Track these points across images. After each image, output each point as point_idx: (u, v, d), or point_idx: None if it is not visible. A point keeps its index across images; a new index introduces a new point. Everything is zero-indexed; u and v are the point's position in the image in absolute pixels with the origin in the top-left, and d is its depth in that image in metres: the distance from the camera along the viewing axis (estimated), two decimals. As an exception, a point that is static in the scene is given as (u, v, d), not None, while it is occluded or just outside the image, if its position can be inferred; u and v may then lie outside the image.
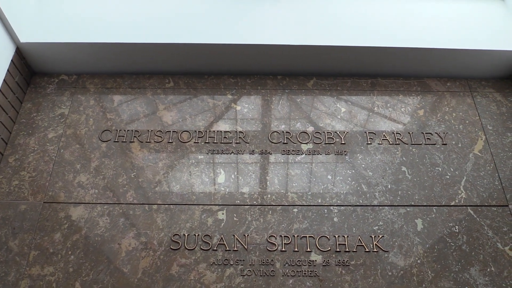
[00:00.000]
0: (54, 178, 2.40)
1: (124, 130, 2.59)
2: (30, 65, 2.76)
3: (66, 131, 2.58)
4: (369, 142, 2.57)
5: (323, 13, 2.83)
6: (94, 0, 2.82)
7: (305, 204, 2.35)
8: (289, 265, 2.16)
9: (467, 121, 2.66)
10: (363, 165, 2.49)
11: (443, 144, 2.57)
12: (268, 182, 2.43)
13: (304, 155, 2.53)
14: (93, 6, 2.79)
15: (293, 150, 2.54)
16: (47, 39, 2.63)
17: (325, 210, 2.33)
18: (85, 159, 2.47)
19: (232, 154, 2.52)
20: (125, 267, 2.14)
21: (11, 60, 2.55)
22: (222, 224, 2.28)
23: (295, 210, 2.33)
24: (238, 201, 2.35)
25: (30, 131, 2.56)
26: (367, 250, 2.20)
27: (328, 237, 2.24)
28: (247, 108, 2.71)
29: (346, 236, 2.24)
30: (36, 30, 2.65)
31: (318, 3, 2.88)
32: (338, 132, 2.61)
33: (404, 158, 2.52)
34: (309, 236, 2.24)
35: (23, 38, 2.60)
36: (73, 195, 2.35)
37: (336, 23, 2.78)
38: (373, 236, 2.24)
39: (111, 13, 2.77)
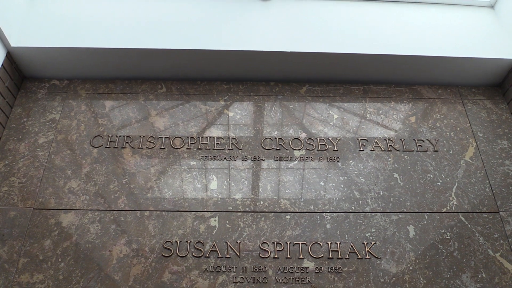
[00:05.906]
0: (45, 184, 2.37)
1: (116, 136, 2.57)
2: (21, 70, 2.74)
3: (57, 136, 2.55)
4: (361, 149, 2.58)
5: (316, 20, 2.85)
6: (87, 5, 2.81)
7: (297, 210, 2.35)
8: (281, 272, 2.15)
9: (458, 128, 2.68)
10: (356, 172, 2.50)
11: (434, 151, 2.59)
12: (260, 189, 2.42)
13: (296, 161, 2.53)
14: (85, 11, 2.78)
15: (285, 157, 2.54)
16: (38, 43, 2.61)
17: (318, 217, 2.33)
18: (76, 165, 2.45)
19: (225, 160, 2.52)
20: (116, 274, 2.11)
21: (1, 64, 2.53)
22: (215, 231, 2.27)
23: (288, 216, 2.33)
24: (231, 208, 2.34)
25: (20, 137, 2.53)
26: (359, 257, 2.20)
27: (321, 244, 2.24)
28: (239, 114, 2.71)
29: (338, 243, 2.24)
30: (27, 35, 2.63)
31: (311, 10, 2.89)
32: (330, 139, 2.62)
33: (396, 165, 2.53)
34: (301, 243, 2.24)
35: (14, 43, 2.58)
36: (63, 201, 2.32)
37: (329, 30, 2.80)
38: (365, 243, 2.25)
39: (103, 18, 2.76)
